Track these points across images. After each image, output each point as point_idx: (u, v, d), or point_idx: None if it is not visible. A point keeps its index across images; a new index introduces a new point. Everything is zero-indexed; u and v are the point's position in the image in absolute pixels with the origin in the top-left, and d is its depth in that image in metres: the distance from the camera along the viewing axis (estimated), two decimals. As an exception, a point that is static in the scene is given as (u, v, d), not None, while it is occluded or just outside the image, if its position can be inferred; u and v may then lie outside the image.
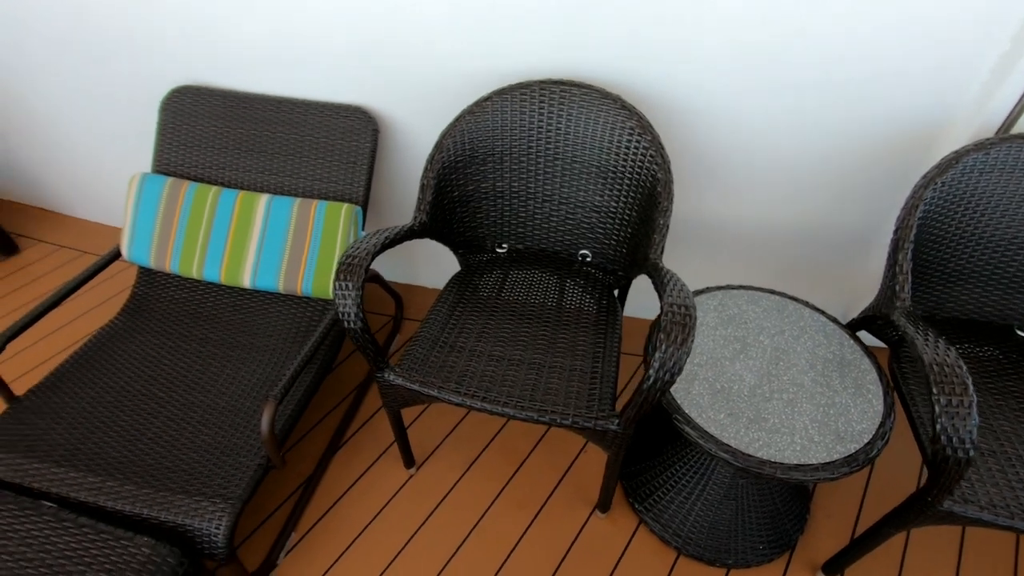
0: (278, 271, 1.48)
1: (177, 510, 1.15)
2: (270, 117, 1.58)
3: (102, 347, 1.49)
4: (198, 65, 1.65)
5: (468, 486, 1.52)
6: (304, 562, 1.38)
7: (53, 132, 2.12)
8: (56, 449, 1.26)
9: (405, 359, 1.23)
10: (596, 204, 1.40)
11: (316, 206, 1.48)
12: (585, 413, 1.10)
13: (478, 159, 1.39)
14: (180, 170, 1.62)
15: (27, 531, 1.12)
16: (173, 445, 1.27)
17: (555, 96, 1.32)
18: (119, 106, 1.89)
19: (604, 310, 1.37)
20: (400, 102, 1.56)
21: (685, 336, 0.94)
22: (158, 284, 1.64)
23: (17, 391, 1.36)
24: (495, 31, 1.34)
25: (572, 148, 1.35)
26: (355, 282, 1.08)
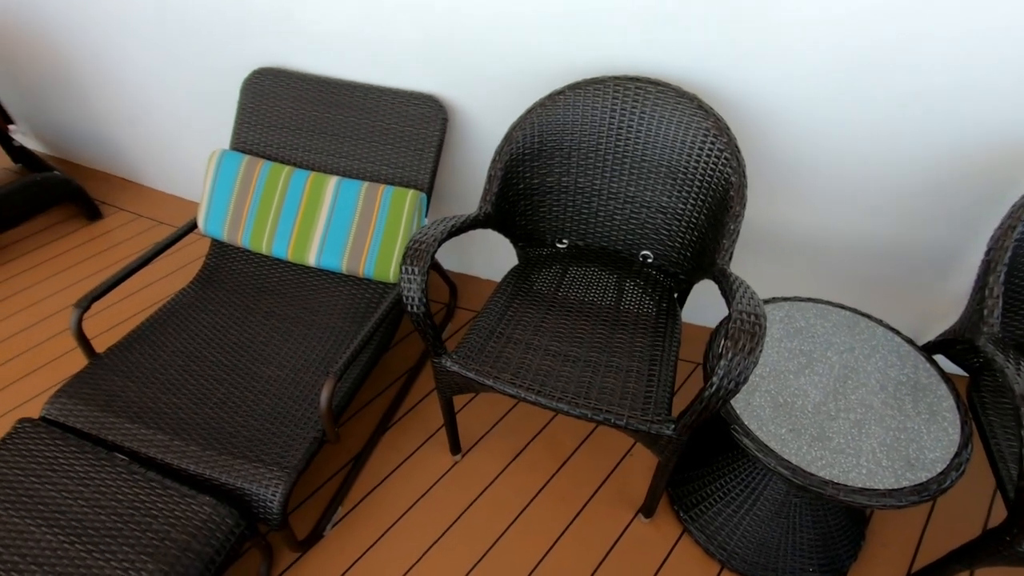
0: (342, 251, 1.52)
1: (237, 474, 1.20)
2: (344, 101, 1.62)
3: (175, 313, 1.57)
4: (278, 48, 1.70)
5: (511, 478, 1.52)
6: (348, 536, 1.42)
7: (139, 107, 2.24)
8: (130, 406, 1.33)
9: (462, 347, 1.24)
10: (662, 205, 1.37)
11: (383, 190, 1.51)
12: (640, 416, 1.09)
13: (545, 153, 1.38)
14: (256, 149, 1.68)
15: (101, 480, 1.20)
16: (236, 411, 1.33)
17: (629, 93, 1.30)
18: (202, 85, 1.97)
19: (664, 313, 1.35)
20: (470, 92, 1.57)
21: (753, 345, 0.91)
22: (229, 257, 1.71)
23: (97, 348, 1.45)
24: (571, 25, 1.33)
25: (642, 147, 1.33)
26: (421, 267, 1.09)
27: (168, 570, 1.06)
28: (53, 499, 1.16)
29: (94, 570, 1.06)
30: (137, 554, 1.08)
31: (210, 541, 1.11)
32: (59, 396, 1.34)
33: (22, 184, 2.18)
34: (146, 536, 1.10)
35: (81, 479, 1.20)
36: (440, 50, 1.50)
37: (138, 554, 1.08)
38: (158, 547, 1.09)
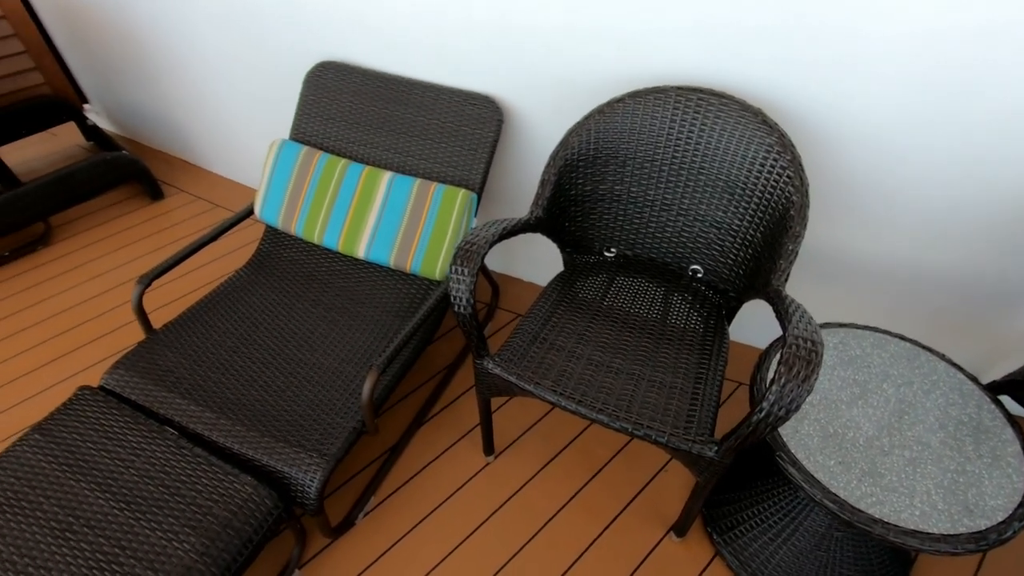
0: (391, 246, 1.54)
1: (278, 457, 1.23)
2: (402, 98, 1.64)
3: (228, 295, 1.62)
4: (342, 43, 1.74)
5: (542, 483, 1.52)
6: (379, 527, 1.44)
7: (206, 93, 2.32)
8: (181, 382, 1.38)
9: (505, 350, 1.24)
10: (717, 220, 1.34)
11: (434, 188, 1.52)
12: (682, 434, 1.07)
13: (600, 160, 1.37)
14: (314, 140, 1.72)
15: (152, 452, 1.25)
16: (280, 395, 1.36)
17: (691, 104, 1.27)
18: (267, 76, 2.03)
19: (711, 330, 1.32)
20: (527, 95, 1.57)
21: (808, 373, 0.88)
22: (282, 243, 1.75)
23: (153, 323, 1.51)
24: (634, 32, 1.31)
25: (701, 159, 1.30)
26: (471, 268, 1.10)
27: (209, 545, 1.09)
28: (107, 466, 1.22)
29: (140, 537, 1.10)
30: (181, 526, 1.12)
31: (249, 520, 1.15)
32: (117, 367, 1.41)
33: (92, 162, 2.29)
34: (190, 509, 1.14)
35: (133, 449, 1.25)
36: (500, 52, 1.50)
37: (182, 526, 1.12)
38: (200, 521, 1.13)
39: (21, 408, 1.73)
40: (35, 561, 1.07)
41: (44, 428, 1.28)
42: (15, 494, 1.16)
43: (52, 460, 1.22)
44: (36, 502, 1.16)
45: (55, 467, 1.21)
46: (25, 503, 1.15)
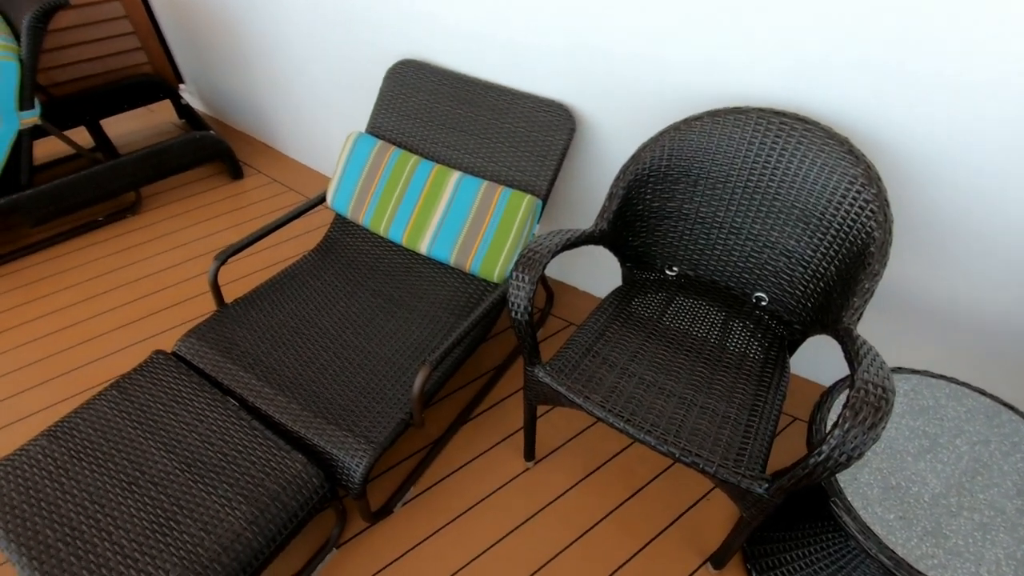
0: (453, 245, 1.56)
1: (328, 439, 1.28)
2: (477, 100, 1.66)
3: (295, 277, 1.70)
4: (424, 43, 1.78)
5: (580, 496, 1.51)
6: (416, 517, 1.47)
7: (291, 82, 2.43)
8: (245, 356, 1.46)
9: (556, 360, 1.24)
10: (789, 249, 1.29)
11: (501, 192, 1.54)
12: (732, 466, 1.04)
13: (671, 177, 1.35)
14: (389, 135, 1.77)
15: (214, 419, 1.32)
16: (335, 379, 1.41)
17: (772, 127, 1.23)
18: (349, 69, 2.11)
19: (771, 361, 1.27)
20: (601, 105, 1.56)
21: (876, 420, 0.84)
22: (349, 233, 1.82)
23: (225, 298, 1.59)
24: (716, 49, 1.28)
25: (777, 185, 1.26)
26: (532, 276, 1.10)
27: (258, 515, 1.15)
28: (173, 428, 1.29)
29: (197, 499, 1.17)
30: (235, 493, 1.18)
31: (296, 496, 1.20)
32: (189, 336, 1.49)
33: (183, 140, 2.44)
34: (243, 479, 1.20)
35: (197, 415, 1.32)
36: (578, 61, 1.50)
37: (235, 494, 1.18)
38: (252, 492, 1.18)
39: (102, 363, 1.87)
40: (103, 509, 1.15)
41: (121, 386, 1.38)
42: (92, 444, 1.26)
43: (126, 417, 1.31)
44: (109, 454, 1.24)
45: (128, 424, 1.30)
46: (100, 454, 1.24)
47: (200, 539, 1.11)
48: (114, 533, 1.11)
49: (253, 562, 1.12)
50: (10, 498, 1.17)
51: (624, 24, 1.37)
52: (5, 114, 1.94)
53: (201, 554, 1.08)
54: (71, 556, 1.08)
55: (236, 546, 1.11)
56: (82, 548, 1.09)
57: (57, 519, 1.13)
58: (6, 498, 1.17)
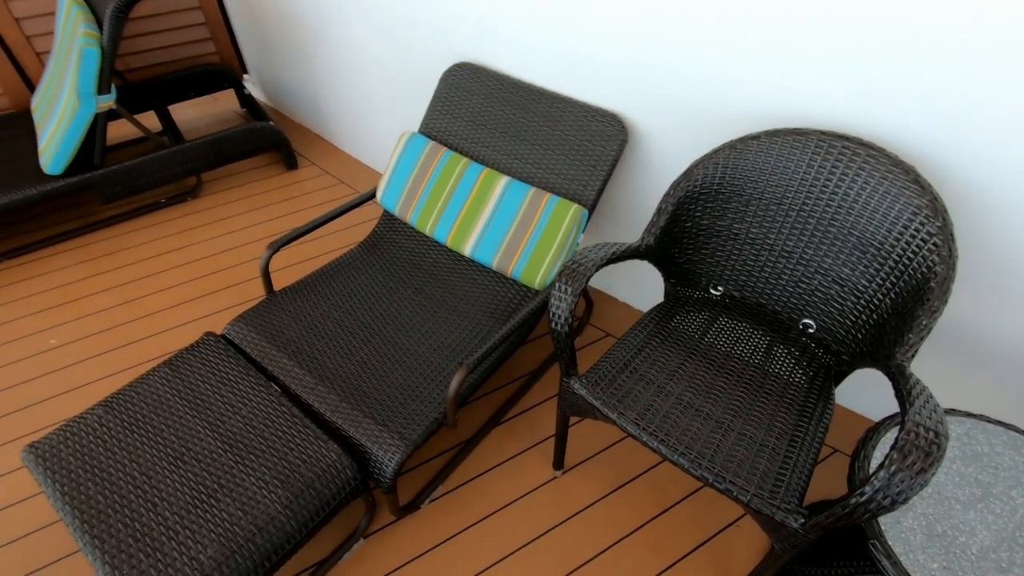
0: (497, 249, 1.57)
1: (363, 432, 1.31)
2: (530, 106, 1.67)
3: (341, 270, 1.74)
4: (481, 47, 1.80)
5: (606, 509, 1.50)
6: (442, 515, 1.49)
7: (350, 78, 2.49)
8: (290, 344, 1.50)
9: (593, 373, 1.24)
10: (842, 276, 1.25)
11: (548, 199, 1.54)
12: (767, 497, 1.01)
13: (723, 196, 1.32)
14: (441, 136, 1.80)
15: (256, 403, 1.36)
16: (373, 374, 1.44)
17: (833, 151, 1.19)
18: (407, 69, 2.15)
19: (815, 391, 1.24)
20: (655, 117, 1.54)
21: (926, 466, 0.81)
22: (395, 230, 1.85)
23: (274, 286, 1.65)
24: (777, 67, 1.25)
25: (834, 210, 1.22)
26: (575, 288, 1.10)
27: (292, 500, 1.18)
28: (218, 408, 1.35)
29: (237, 479, 1.21)
30: (271, 477, 1.22)
31: (329, 485, 1.23)
32: (238, 320, 1.55)
33: (244, 129, 2.53)
34: (281, 464, 1.24)
35: (242, 397, 1.38)
36: (634, 72, 1.49)
37: (272, 477, 1.22)
38: (288, 477, 1.22)
39: (156, 339, 1.96)
40: (150, 481, 1.21)
41: (173, 364, 1.45)
42: (143, 418, 1.32)
43: (175, 394, 1.38)
44: (158, 428, 1.31)
45: (177, 400, 1.36)
46: (150, 427, 1.31)
47: (237, 518, 1.15)
48: (159, 505, 1.17)
49: (285, 545, 1.16)
50: (67, 462, 1.24)
51: (685, 39, 1.35)
52: (84, 97, 2.06)
53: (237, 533, 1.13)
54: (118, 523, 1.14)
55: (270, 528, 1.15)
56: (129, 516, 1.15)
57: (108, 486, 1.20)
58: (64, 462, 1.24)
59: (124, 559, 1.09)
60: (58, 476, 1.22)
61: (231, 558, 1.09)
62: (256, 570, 1.11)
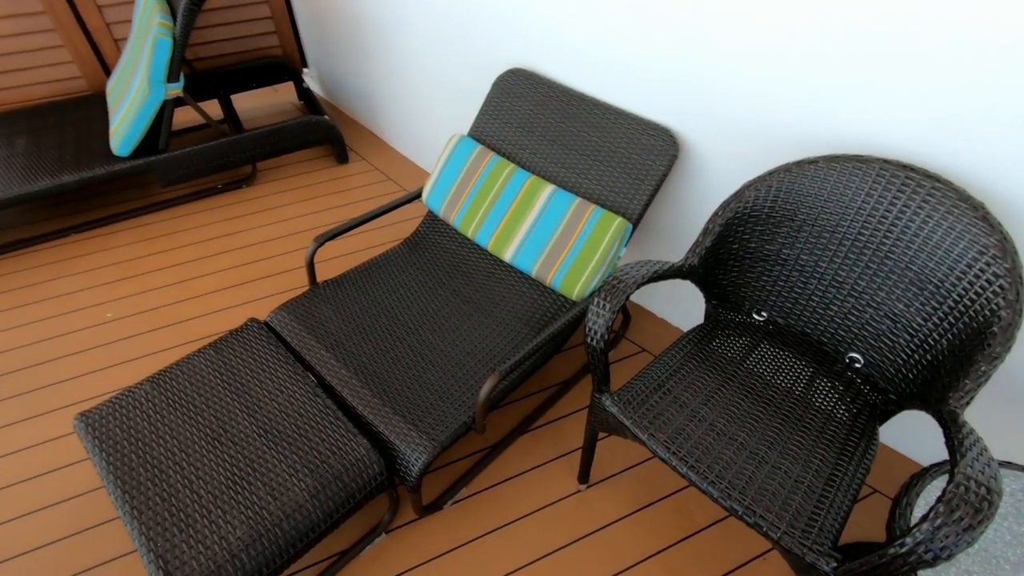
0: (537, 257, 1.57)
1: (393, 429, 1.33)
2: (581, 115, 1.66)
3: (383, 266, 1.77)
4: (534, 52, 1.80)
5: (629, 529, 1.47)
6: (464, 518, 1.49)
7: (404, 77, 2.53)
8: (329, 336, 1.54)
9: (625, 391, 1.22)
10: (895, 312, 1.20)
11: (592, 210, 1.52)
12: (799, 537, 0.98)
13: (774, 219, 1.28)
14: (489, 140, 1.81)
15: (292, 392, 1.40)
16: (407, 372, 1.46)
17: (896, 181, 1.14)
18: (462, 73, 2.17)
19: (858, 430, 1.19)
20: (707, 134, 1.51)
21: (974, 523, 0.76)
22: (438, 231, 1.87)
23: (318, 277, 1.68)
24: (840, 90, 1.20)
25: (892, 243, 1.17)
26: (613, 304, 1.09)
27: (320, 490, 1.21)
28: (256, 393, 1.39)
29: (269, 465, 1.25)
30: (302, 466, 1.25)
31: (356, 479, 1.25)
32: (281, 309, 1.60)
33: (301, 122, 2.60)
34: (311, 454, 1.27)
35: (279, 384, 1.41)
36: (690, 87, 1.46)
37: (302, 466, 1.25)
38: (317, 467, 1.25)
39: (203, 320, 2.04)
40: (189, 458, 1.26)
41: (218, 347, 1.50)
42: (186, 397, 1.38)
43: (218, 376, 1.42)
44: (199, 408, 1.36)
45: (219, 382, 1.41)
46: (192, 407, 1.36)
47: (266, 503, 1.18)
48: (195, 482, 1.21)
49: (310, 534, 1.18)
50: (114, 433, 1.30)
51: (746, 55, 1.31)
52: (155, 84, 2.16)
53: (266, 517, 1.16)
54: (157, 496, 1.19)
55: (297, 515, 1.17)
56: (167, 491, 1.20)
57: (150, 460, 1.25)
58: (111, 433, 1.30)
59: (159, 532, 1.13)
60: (104, 446, 1.28)
61: (258, 541, 1.13)
62: (281, 555, 1.14)
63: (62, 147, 2.38)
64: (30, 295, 2.13)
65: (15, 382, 1.83)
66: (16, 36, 2.52)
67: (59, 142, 2.41)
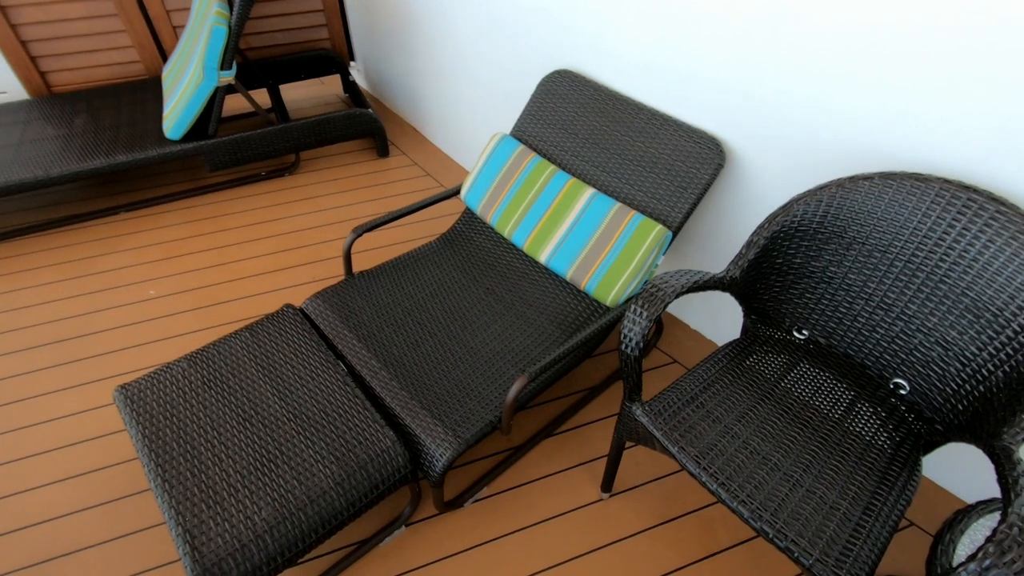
0: (573, 261, 1.56)
1: (420, 424, 1.33)
2: (626, 120, 1.64)
3: (418, 260, 1.78)
4: (580, 54, 1.79)
5: (650, 542, 1.44)
6: (483, 517, 1.49)
7: (450, 76, 2.55)
8: (361, 327, 1.55)
9: (656, 401, 1.20)
10: (947, 339, 1.14)
11: (632, 216, 1.50)
12: (832, 565, 0.94)
13: (822, 236, 1.24)
14: (532, 141, 1.80)
15: (323, 379, 1.42)
16: (436, 367, 1.46)
17: (956, 202, 1.09)
18: (507, 72, 2.17)
19: (900, 459, 1.14)
20: (756, 146, 1.47)
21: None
22: (474, 229, 1.87)
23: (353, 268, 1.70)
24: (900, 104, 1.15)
25: (948, 266, 1.12)
26: (651, 314, 1.07)
27: (344, 479, 1.22)
28: (288, 378, 1.41)
29: (296, 449, 1.27)
30: (328, 452, 1.26)
31: (381, 470, 1.26)
32: (317, 297, 1.62)
33: (346, 114, 2.64)
34: (338, 442, 1.28)
35: (311, 371, 1.43)
36: (739, 95, 1.43)
37: (329, 453, 1.26)
38: (343, 456, 1.26)
39: (241, 303, 2.08)
40: (220, 437, 1.28)
41: (253, 330, 1.53)
42: (221, 376, 1.41)
43: (252, 358, 1.45)
44: (232, 388, 1.38)
45: (252, 365, 1.44)
46: (226, 387, 1.39)
47: (292, 487, 1.20)
48: (225, 461, 1.24)
49: (332, 520, 1.19)
50: (151, 407, 1.34)
51: (799, 64, 1.28)
52: (208, 71, 2.22)
53: (291, 501, 1.17)
54: (187, 471, 1.22)
55: (321, 501, 1.18)
56: (198, 467, 1.22)
57: (183, 435, 1.28)
58: (148, 406, 1.34)
59: (188, 506, 1.16)
60: (141, 419, 1.31)
61: (282, 524, 1.14)
62: (303, 539, 1.15)
63: (118, 128, 2.47)
64: (80, 268, 2.21)
65: (61, 351, 1.90)
66: (83, 19, 2.63)
67: (115, 123, 2.50)
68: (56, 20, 2.59)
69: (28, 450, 1.63)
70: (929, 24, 1.06)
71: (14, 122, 2.50)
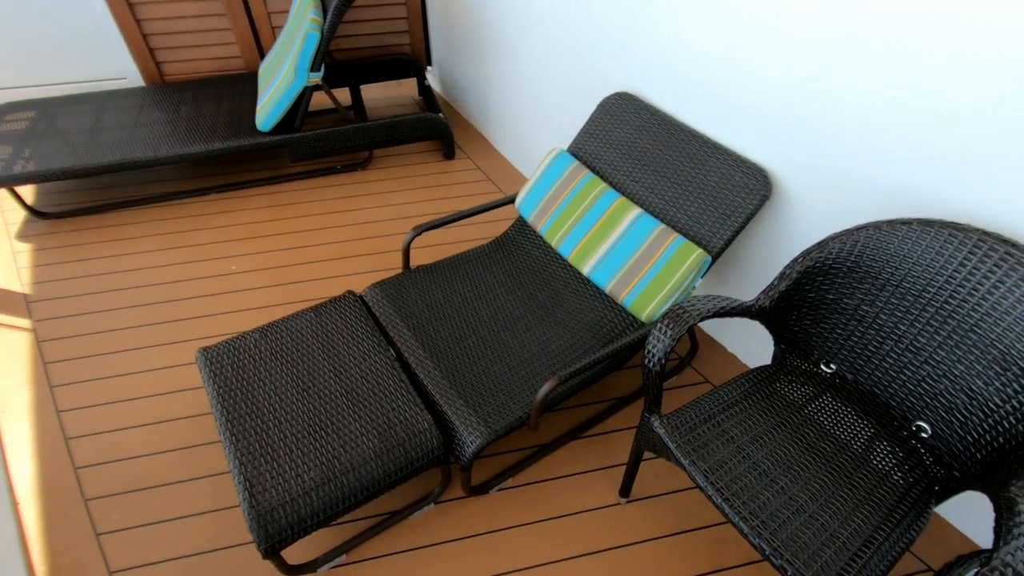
0: (613, 275, 1.64)
1: (456, 411, 1.45)
2: (678, 145, 1.71)
3: (470, 261, 1.91)
4: (642, 78, 1.86)
5: (661, 551, 1.51)
6: (507, 505, 1.60)
7: (518, 88, 2.67)
8: (412, 317, 1.70)
9: (675, 415, 1.27)
10: (973, 388, 1.16)
11: (673, 238, 1.57)
12: (822, 588, 0.99)
13: (856, 274, 1.28)
14: (586, 158, 1.89)
15: (374, 362, 1.56)
16: (475, 362, 1.58)
17: (993, 254, 1.11)
18: (571, 89, 2.27)
19: (910, 499, 1.16)
20: (802, 181, 1.50)
21: (1002, 610, 0.76)
22: (525, 236, 1.99)
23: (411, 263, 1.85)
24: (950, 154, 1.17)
25: (980, 316, 1.13)
26: (675, 332, 1.15)
27: (383, 452, 1.36)
28: (344, 356, 1.57)
29: (344, 421, 1.42)
30: (372, 428, 1.41)
31: (416, 449, 1.39)
32: (376, 287, 1.78)
33: (418, 117, 2.82)
34: (381, 419, 1.43)
35: (364, 352, 1.58)
36: (791, 129, 1.47)
37: (373, 428, 1.41)
38: (385, 431, 1.40)
39: (308, 285, 2.29)
40: (281, 402, 1.45)
41: (318, 310, 1.70)
42: (287, 349, 1.58)
43: (315, 336, 1.62)
44: (295, 361, 1.56)
45: (313, 342, 1.61)
46: (290, 359, 1.56)
47: (338, 453, 1.35)
48: (283, 424, 1.41)
49: (369, 488, 1.34)
50: (226, 370, 1.53)
51: (855, 105, 1.31)
52: (300, 72, 2.44)
53: (336, 466, 1.33)
54: (251, 430, 1.39)
55: (361, 470, 1.33)
56: (261, 427, 1.40)
57: (251, 398, 1.46)
58: (224, 369, 1.53)
59: (249, 459, 1.33)
60: (218, 379, 1.50)
61: (326, 485, 1.29)
62: (343, 501, 1.30)
63: (216, 117, 2.74)
64: (175, 240, 2.48)
65: (153, 312, 2.16)
66: (196, 17, 2.93)
67: (215, 112, 2.78)
68: (174, 17, 2.90)
69: (124, 395, 1.87)
70: (976, 93, 1.09)
71: (131, 106, 2.83)
